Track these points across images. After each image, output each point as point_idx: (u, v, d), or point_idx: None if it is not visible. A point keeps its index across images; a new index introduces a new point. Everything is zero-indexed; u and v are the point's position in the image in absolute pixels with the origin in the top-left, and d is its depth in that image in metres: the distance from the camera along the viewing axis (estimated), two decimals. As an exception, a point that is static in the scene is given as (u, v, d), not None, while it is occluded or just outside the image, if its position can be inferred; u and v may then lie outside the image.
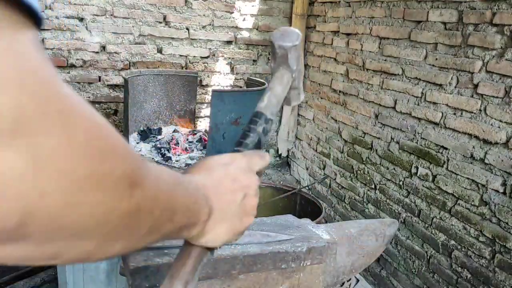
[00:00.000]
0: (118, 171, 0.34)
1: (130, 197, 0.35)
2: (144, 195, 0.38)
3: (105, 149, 0.33)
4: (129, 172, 0.35)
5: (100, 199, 0.32)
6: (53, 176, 0.28)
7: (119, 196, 0.34)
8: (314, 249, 1.07)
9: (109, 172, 0.33)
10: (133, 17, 3.28)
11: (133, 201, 0.36)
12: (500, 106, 2.00)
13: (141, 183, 0.37)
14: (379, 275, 2.83)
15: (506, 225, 1.98)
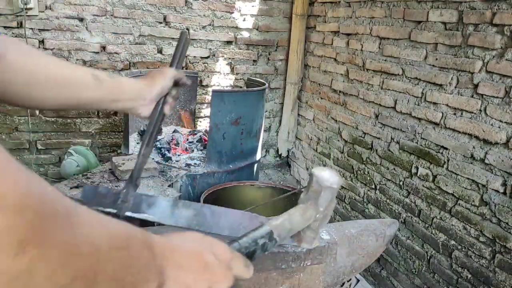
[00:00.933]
0: (2, 225, 0.28)
1: (16, 255, 0.29)
2: (42, 258, 0.31)
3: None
4: (19, 228, 0.29)
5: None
6: None
7: (3, 252, 0.28)
8: (314, 249, 1.07)
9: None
10: (133, 18, 3.28)
11: (21, 261, 0.29)
12: (500, 106, 2.00)
13: (40, 243, 0.30)
14: (379, 275, 2.83)
15: (506, 225, 1.98)
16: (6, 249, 0.28)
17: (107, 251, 0.37)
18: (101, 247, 0.36)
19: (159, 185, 2.26)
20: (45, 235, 0.31)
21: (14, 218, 0.29)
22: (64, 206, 0.34)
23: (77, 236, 0.34)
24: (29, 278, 0.30)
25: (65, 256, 0.32)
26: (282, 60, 3.88)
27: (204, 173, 2.60)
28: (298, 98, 3.85)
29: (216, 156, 2.68)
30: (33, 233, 0.30)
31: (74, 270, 0.33)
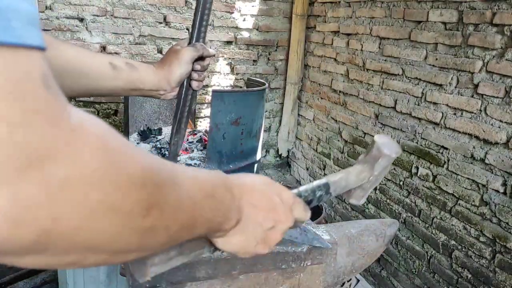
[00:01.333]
0: (132, 199, 0.35)
1: (145, 220, 0.37)
2: (162, 218, 0.39)
3: (119, 180, 0.34)
4: (146, 199, 0.36)
5: (113, 222, 0.34)
6: (65, 204, 0.30)
7: (134, 220, 0.36)
8: (315, 249, 1.07)
9: (123, 199, 0.34)
10: (133, 18, 3.28)
11: (148, 223, 0.37)
12: (500, 106, 2.00)
13: (159, 207, 0.38)
14: (379, 275, 2.83)
15: (506, 225, 1.98)
16: (138, 214, 0.36)
17: (200, 201, 0.45)
18: (196, 199, 0.44)
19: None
20: (162, 200, 0.38)
21: (140, 191, 0.35)
22: (169, 171, 0.41)
23: (181, 195, 0.42)
24: (153, 232, 0.38)
25: (174, 213, 0.41)
26: (282, 60, 3.88)
27: (204, 173, 2.60)
28: (298, 98, 3.85)
29: (216, 156, 2.68)
30: (154, 200, 0.37)
31: (181, 221, 0.42)
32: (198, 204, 0.45)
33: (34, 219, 0.29)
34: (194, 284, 0.96)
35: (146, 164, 0.37)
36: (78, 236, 0.32)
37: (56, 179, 0.29)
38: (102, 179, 0.32)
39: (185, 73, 1.00)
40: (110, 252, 0.37)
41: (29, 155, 0.28)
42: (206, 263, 0.95)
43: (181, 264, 0.58)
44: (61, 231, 0.31)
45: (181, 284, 0.94)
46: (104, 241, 0.35)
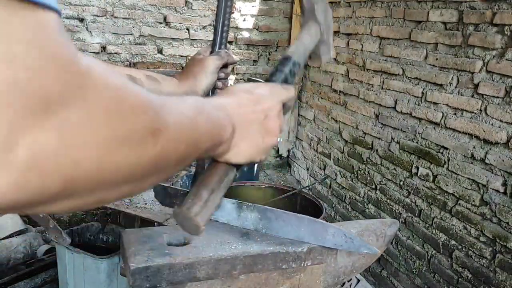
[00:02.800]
0: (138, 126, 0.38)
1: (154, 144, 0.39)
2: (168, 138, 0.42)
3: (124, 111, 0.36)
4: (149, 124, 0.39)
5: (128, 153, 0.37)
6: (82, 146, 0.32)
7: (144, 146, 0.39)
8: (315, 249, 1.07)
9: (131, 129, 0.37)
10: (134, 18, 3.28)
11: (158, 146, 0.40)
12: (501, 106, 2.00)
13: (163, 129, 0.41)
14: (379, 275, 2.83)
15: (506, 225, 1.98)
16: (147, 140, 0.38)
17: (194, 117, 0.48)
18: (191, 116, 0.47)
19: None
20: (163, 122, 0.41)
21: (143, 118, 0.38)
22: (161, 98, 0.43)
23: (177, 115, 0.45)
24: (164, 153, 0.41)
25: (177, 132, 0.44)
26: (282, 60, 3.87)
27: (204, 173, 2.60)
28: (298, 98, 3.85)
29: (216, 156, 2.67)
30: (156, 124, 0.40)
31: (185, 138, 0.45)
32: (194, 120, 0.48)
33: (57, 167, 0.31)
34: (194, 284, 0.96)
35: (143, 96, 0.40)
36: (100, 174, 0.34)
37: (70, 123, 0.31)
38: (110, 116, 0.34)
39: (211, 83, 0.98)
40: (131, 182, 0.40)
41: (46, 100, 0.29)
42: (207, 263, 0.95)
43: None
44: (84, 173, 0.33)
45: (181, 284, 0.94)
46: (124, 173, 0.37)
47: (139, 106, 0.38)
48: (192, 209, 0.55)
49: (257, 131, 0.60)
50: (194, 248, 0.98)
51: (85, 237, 2.24)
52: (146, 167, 0.40)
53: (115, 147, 0.35)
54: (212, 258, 0.95)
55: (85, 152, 0.32)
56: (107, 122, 0.34)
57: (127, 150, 0.37)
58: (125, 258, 0.95)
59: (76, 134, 0.31)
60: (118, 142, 0.36)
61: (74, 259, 1.92)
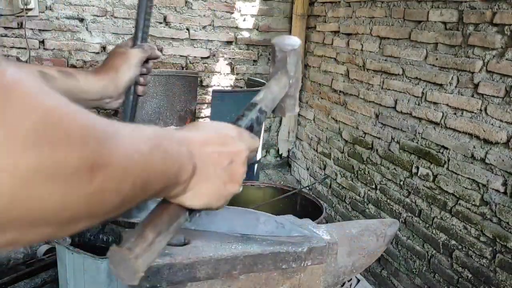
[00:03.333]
0: (73, 159, 0.32)
1: (89, 182, 0.33)
2: (110, 176, 0.35)
3: (56, 137, 0.30)
4: (88, 157, 0.33)
5: (53, 190, 0.31)
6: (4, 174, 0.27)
7: (77, 183, 0.32)
8: (315, 249, 1.07)
9: (63, 161, 0.31)
10: (134, 18, 3.27)
11: (94, 185, 0.34)
12: (501, 106, 2.00)
13: (105, 164, 0.35)
14: (380, 275, 2.83)
15: (507, 225, 1.98)
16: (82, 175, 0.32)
17: (148, 153, 0.42)
18: (144, 151, 0.41)
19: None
20: (107, 156, 0.35)
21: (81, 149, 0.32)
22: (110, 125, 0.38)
23: (127, 148, 0.38)
24: (102, 194, 0.35)
25: (123, 169, 0.37)
26: (282, 60, 3.87)
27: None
28: (298, 98, 3.85)
29: (216, 156, 2.67)
30: (98, 157, 0.34)
31: (132, 178, 0.39)
32: (147, 156, 0.41)
33: None
34: (195, 284, 0.96)
35: (85, 120, 0.34)
36: (14, 210, 0.29)
37: None
38: (37, 141, 0.29)
39: (134, 76, 0.93)
40: (55, 224, 0.33)
41: None
42: (207, 263, 0.95)
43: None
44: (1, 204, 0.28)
45: (181, 284, 0.94)
46: (46, 213, 0.31)
47: (77, 133, 0.32)
48: (134, 250, 0.47)
49: (220, 175, 0.54)
50: (194, 248, 0.98)
51: (85, 237, 2.24)
52: (76, 208, 0.33)
53: (38, 181, 0.29)
54: (212, 258, 0.95)
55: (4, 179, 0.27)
56: (29, 149, 0.28)
57: (53, 187, 0.31)
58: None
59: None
60: (43, 175, 0.30)
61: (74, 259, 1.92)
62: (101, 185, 0.34)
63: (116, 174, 0.36)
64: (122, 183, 0.37)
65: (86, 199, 0.34)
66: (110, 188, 0.36)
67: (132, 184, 0.39)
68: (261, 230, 1.08)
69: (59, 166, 0.31)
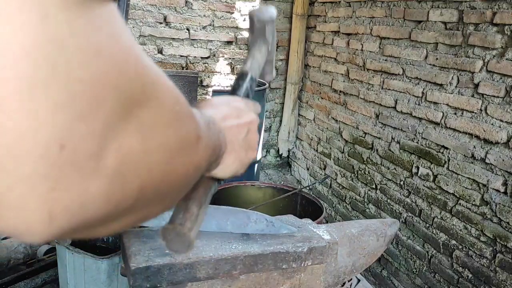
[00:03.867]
0: (191, 132, 0.38)
1: (197, 151, 0.39)
2: (203, 146, 0.41)
3: (183, 114, 0.36)
4: (196, 130, 0.39)
5: (185, 159, 0.36)
6: (156, 150, 0.31)
7: (194, 152, 0.39)
8: (315, 249, 1.07)
9: (187, 134, 0.37)
10: (134, 18, 3.28)
11: (199, 153, 0.40)
12: (501, 106, 2.00)
13: (201, 135, 0.40)
14: (380, 275, 2.83)
15: (507, 225, 1.98)
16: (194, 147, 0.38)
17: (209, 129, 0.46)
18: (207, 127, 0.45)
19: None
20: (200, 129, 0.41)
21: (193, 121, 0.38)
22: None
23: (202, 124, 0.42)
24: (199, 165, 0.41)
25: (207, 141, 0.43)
26: (283, 60, 3.88)
27: (204, 173, 2.60)
28: (298, 98, 3.85)
29: (216, 156, 2.67)
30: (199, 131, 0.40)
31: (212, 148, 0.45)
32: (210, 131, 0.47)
33: (136, 175, 0.29)
34: (195, 284, 0.96)
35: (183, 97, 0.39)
36: (163, 182, 0.33)
37: (147, 125, 0.29)
38: (175, 116, 0.34)
39: None
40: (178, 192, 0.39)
41: (130, 100, 0.27)
42: (207, 263, 0.95)
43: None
44: (152, 182, 0.31)
45: (181, 284, 0.94)
46: (179, 182, 0.36)
47: (189, 110, 0.38)
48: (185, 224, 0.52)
49: (242, 145, 0.59)
50: (194, 248, 0.98)
51: (86, 237, 2.24)
52: (192, 175, 0.39)
53: (178, 153, 0.34)
54: (212, 258, 0.95)
55: (157, 156, 0.31)
56: (173, 124, 0.33)
57: (185, 157, 0.36)
58: (126, 258, 0.95)
59: (151, 136, 0.30)
60: (180, 147, 0.35)
61: (75, 259, 1.92)
62: (201, 155, 0.40)
63: (204, 145, 0.41)
64: (206, 154, 0.43)
65: (197, 167, 0.39)
66: (203, 158, 0.41)
67: (210, 154, 0.45)
68: (252, 228, 1.09)
69: (186, 138, 0.36)
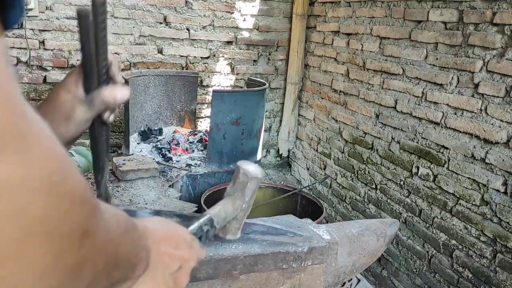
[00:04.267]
0: (72, 218, 0.30)
1: (79, 248, 0.31)
2: (93, 246, 0.34)
3: (64, 190, 0.29)
4: (83, 220, 0.31)
5: (48, 249, 0.28)
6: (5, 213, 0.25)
7: (69, 246, 0.30)
8: (315, 249, 1.07)
9: (64, 217, 0.29)
10: (134, 18, 3.28)
11: (82, 252, 0.32)
12: (501, 106, 2.00)
13: (93, 232, 0.33)
14: (380, 275, 2.83)
15: (507, 224, 1.98)
16: (75, 239, 0.31)
17: (121, 235, 0.41)
18: (118, 231, 0.40)
19: (160, 186, 2.26)
20: (95, 225, 0.34)
21: (80, 209, 0.31)
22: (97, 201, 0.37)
23: (108, 224, 0.37)
24: (83, 266, 0.33)
25: (104, 243, 0.36)
26: (283, 60, 3.88)
27: (204, 173, 2.61)
28: (298, 98, 3.85)
29: (216, 156, 2.68)
30: (89, 224, 0.32)
31: (106, 256, 0.37)
32: (120, 237, 0.41)
33: None
34: (195, 284, 0.96)
35: (83, 180, 0.33)
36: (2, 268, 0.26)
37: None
38: (49, 187, 0.27)
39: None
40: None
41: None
42: (207, 263, 0.95)
43: None
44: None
45: (181, 284, 0.94)
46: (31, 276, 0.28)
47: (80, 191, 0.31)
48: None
49: (166, 280, 0.52)
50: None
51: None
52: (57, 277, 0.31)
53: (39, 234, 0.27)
54: (212, 258, 0.95)
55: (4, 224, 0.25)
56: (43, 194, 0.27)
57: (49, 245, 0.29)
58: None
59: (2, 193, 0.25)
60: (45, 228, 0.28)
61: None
62: (86, 255, 0.32)
63: (98, 246, 0.35)
64: (99, 258, 0.36)
65: (71, 269, 0.31)
66: (91, 260, 0.34)
67: (106, 262, 0.37)
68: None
69: (59, 221, 0.29)
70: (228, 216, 0.83)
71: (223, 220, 0.81)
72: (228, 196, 0.84)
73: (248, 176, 0.83)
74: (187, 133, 3.27)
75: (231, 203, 0.83)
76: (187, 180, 2.56)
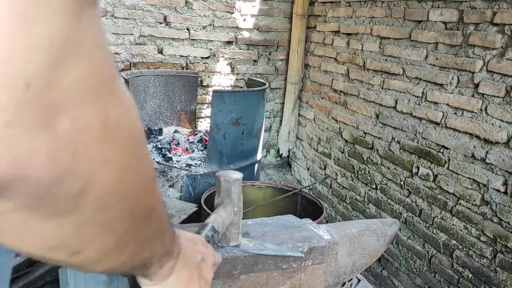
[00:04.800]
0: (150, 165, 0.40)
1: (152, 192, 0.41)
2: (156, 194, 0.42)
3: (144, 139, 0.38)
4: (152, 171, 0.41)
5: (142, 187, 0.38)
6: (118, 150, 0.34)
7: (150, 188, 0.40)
8: (315, 249, 1.07)
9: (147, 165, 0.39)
10: (134, 18, 3.28)
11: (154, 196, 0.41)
12: (501, 106, 2.00)
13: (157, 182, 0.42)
14: (380, 275, 2.83)
15: (507, 224, 1.98)
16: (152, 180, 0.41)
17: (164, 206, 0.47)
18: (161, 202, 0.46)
19: (160, 186, 2.26)
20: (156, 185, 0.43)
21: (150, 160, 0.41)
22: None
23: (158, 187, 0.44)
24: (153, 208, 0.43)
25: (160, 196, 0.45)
26: (283, 60, 3.88)
27: (205, 173, 2.60)
28: (298, 98, 3.85)
29: (216, 156, 2.68)
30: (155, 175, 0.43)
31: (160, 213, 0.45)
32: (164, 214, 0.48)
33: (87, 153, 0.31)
34: (195, 284, 0.96)
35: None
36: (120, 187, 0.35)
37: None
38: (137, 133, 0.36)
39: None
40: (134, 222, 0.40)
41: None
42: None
43: None
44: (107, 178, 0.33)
45: (182, 284, 0.94)
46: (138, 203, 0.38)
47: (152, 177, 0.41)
48: None
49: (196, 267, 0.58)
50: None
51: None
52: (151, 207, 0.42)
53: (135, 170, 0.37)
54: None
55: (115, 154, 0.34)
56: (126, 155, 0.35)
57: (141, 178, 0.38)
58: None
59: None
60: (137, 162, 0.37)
61: (75, 259, 1.92)
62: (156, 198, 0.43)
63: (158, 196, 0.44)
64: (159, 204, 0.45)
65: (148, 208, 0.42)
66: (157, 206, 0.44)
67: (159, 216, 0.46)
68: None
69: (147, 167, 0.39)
70: (225, 221, 0.86)
71: (222, 224, 0.84)
72: (218, 205, 0.89)
73: (229, 181, 0.88)
74: (187, 133, 3.27)
75: (223, 210, 0.87)
76: (187, 180, 2.56)
